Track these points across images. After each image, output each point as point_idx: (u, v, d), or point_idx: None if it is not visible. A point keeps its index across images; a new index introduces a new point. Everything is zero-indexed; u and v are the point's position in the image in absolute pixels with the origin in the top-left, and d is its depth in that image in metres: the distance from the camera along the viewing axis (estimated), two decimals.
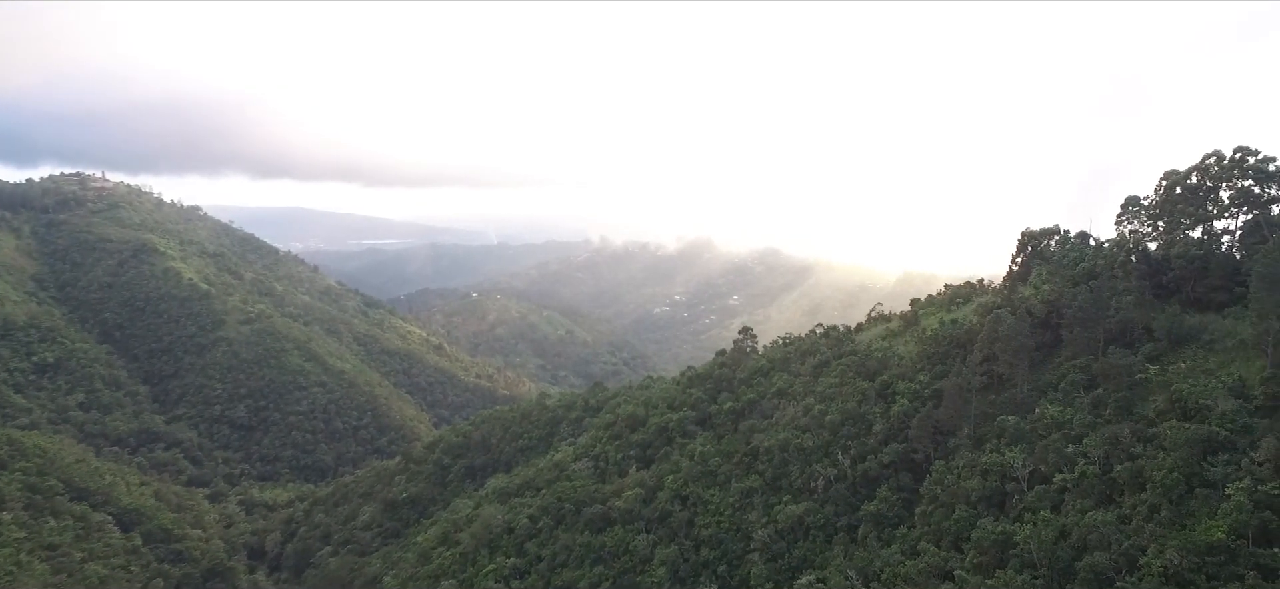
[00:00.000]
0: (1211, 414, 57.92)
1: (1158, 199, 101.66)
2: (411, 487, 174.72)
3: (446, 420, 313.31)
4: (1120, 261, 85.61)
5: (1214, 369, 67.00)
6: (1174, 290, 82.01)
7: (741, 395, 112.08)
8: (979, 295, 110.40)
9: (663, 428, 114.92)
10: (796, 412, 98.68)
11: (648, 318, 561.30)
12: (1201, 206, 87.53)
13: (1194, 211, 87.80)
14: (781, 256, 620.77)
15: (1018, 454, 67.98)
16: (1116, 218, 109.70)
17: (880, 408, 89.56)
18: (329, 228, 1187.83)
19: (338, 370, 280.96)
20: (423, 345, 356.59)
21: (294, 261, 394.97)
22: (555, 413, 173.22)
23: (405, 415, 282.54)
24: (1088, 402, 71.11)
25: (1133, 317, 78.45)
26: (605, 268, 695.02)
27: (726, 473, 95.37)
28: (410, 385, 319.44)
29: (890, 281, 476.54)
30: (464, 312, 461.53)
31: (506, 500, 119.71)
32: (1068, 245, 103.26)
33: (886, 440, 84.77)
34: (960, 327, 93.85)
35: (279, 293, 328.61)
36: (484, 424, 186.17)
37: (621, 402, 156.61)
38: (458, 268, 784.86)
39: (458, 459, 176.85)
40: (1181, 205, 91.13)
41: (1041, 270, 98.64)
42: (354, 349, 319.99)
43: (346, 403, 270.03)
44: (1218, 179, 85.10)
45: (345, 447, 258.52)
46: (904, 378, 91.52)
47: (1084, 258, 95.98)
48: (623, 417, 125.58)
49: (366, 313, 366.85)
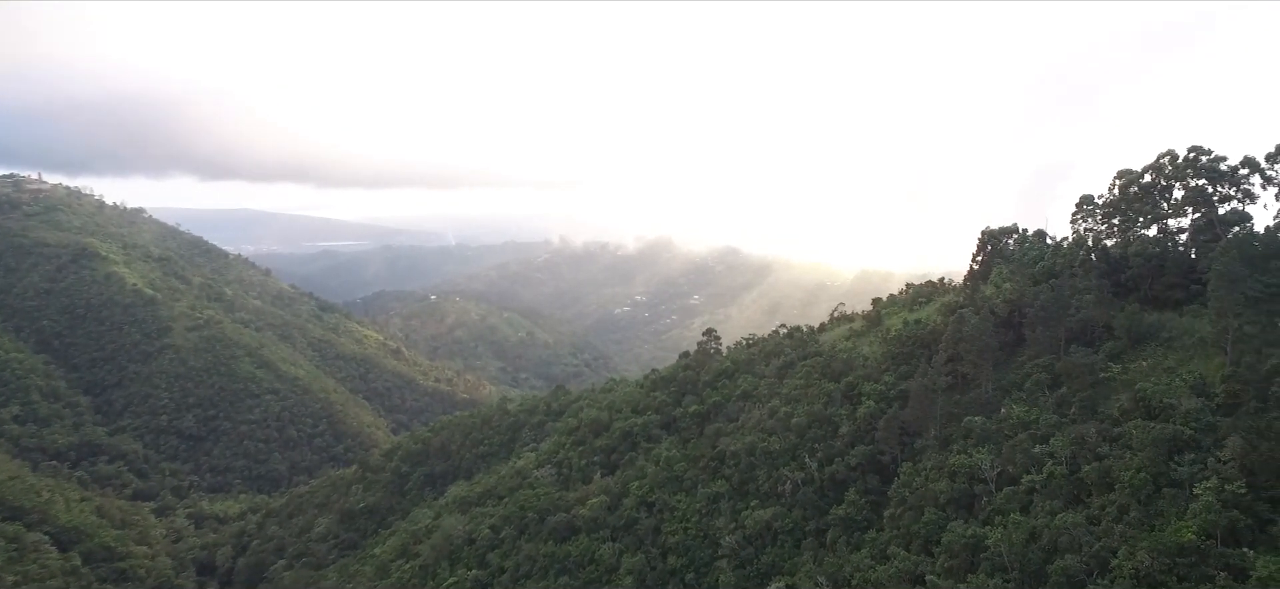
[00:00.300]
0: (1176, 413, 58.05)
1: (1111, 198, 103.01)
2: (369, 496, 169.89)
3: (405, 426, 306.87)
4: (1080, 261, 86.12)
5: (1174, 367, 67.47)
6: (1132, 288, 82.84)
7: (706, 398, 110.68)
8: (941, 295, 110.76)
9: (627, 432, 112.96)
10: (762, 414, 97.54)
11: (609, 318, 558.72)
12: (1156, 205, 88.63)
13: (1149, 210, 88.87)
14: (741, 256, 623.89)
15: (985, 455, 67.60)
16: (1072, 216, 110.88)
17: (846, 409, 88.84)
18: (282, 230, 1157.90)
19: (291, 377, 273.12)
20: (380, 349, 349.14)
21: (245, 265, 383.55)
22: (517, 417, 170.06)
23: (362, 422, 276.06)
24: (1052, 401, 71.14)
25: (1093, 315, 78.93)
26: (565, 269, 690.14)
27: (692, 478, 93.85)
28: (367, 391, 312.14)
29: (848, 279, 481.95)
30: (422, 314, 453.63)
31: (467, 510, 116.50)
32: (1026, 244, 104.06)
33: (853, 442, 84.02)
34: (924, 326, 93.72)
35: (229, 298, 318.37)
36: (443, 430, 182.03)
37: (584, 405, 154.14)
38: (415, 270, 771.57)
39: (417, 467, 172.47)
40: (1136, 204, 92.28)
41: (1001, 269, 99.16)
42: (308, 354, 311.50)
43: (301, 410, 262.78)
44: (1172, 178, 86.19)
45: (300, 455, 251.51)
46: (869, 379, 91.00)
47: (1043, 256, 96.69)
48: (586, 421, 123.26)
49: (321, 317, 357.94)
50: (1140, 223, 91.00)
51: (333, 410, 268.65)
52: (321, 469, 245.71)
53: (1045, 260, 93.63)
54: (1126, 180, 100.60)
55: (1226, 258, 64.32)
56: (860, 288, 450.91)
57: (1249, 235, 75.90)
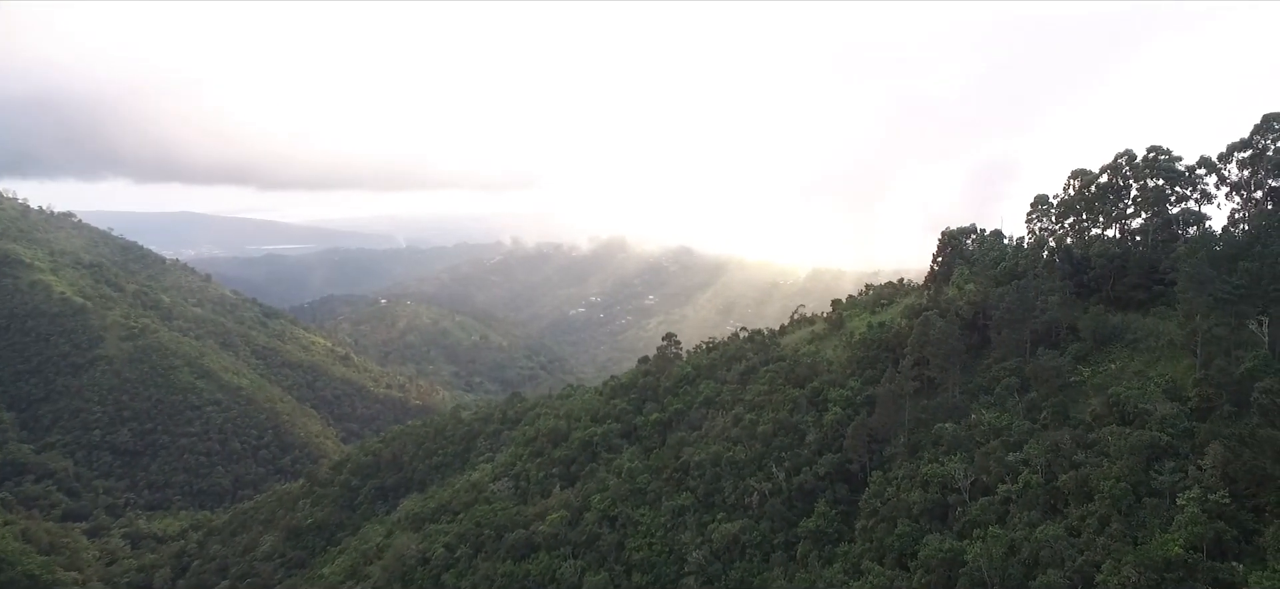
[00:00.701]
0: (1151, 419, 56.74)
1: (1067, 197, 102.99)
2: (317, 511, 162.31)
3: (355, 435, 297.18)
4: (1045, 262, 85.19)
5: (1143, 369, 66.53)
6: (1094, 289, 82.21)
7: (668, 406, 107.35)
8: (902, 296, 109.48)
9: (587, 442, 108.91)
10: (726, 422, 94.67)
11: (564, 320, 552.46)
12: (1115, 206, 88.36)
13: (1107, 210, 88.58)
14: (695, 255, 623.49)
15: (958, 464, 65.62)
16: (1027, 216, 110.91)
17: (812, 416, 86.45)
18: (223, 234, 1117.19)
19: (234, 386, 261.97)
20: (328, 356, 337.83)
21: (183, 271, 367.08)
22: (471, 426, 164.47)
23: (310, 431, 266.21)
24: (1022, 405, 69.67)
25: (1058, 316, 77.99)
26: (519, 270, 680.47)
27: (656, 490, 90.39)
28: (315, 399, 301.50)
29: (800, 278, 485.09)
30: (372, 319, 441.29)
31: (420, 527, 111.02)
32: (986, 244, 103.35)
33: (821, 451, 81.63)
34: (888, 330, 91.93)
35: (166, 305, 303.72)
36: (395, 440, 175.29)
37: (541, 413, 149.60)
38: (364, 273, 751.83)
39: (367, 480, 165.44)
40: (1095, 204, 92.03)
41: (963, 270, 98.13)
42: (252, 363, 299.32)
43: (245, 421, 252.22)
44: (1130, 178, 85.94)
45: (244, 468, 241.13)
46: (835, 384, 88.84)
47: (1003, 257, 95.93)
48: (544, 431, 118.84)
49: (266, 323, 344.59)
50: (1101, 222, 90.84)
51: (278, 421, 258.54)
52: (267, 482, 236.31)
53: (1006, 261, 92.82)
54: (1083, 180, 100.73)
55: (1195, 260, 63.50)
56: (813, 286, 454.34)
57: (1213, 236, 75.78)
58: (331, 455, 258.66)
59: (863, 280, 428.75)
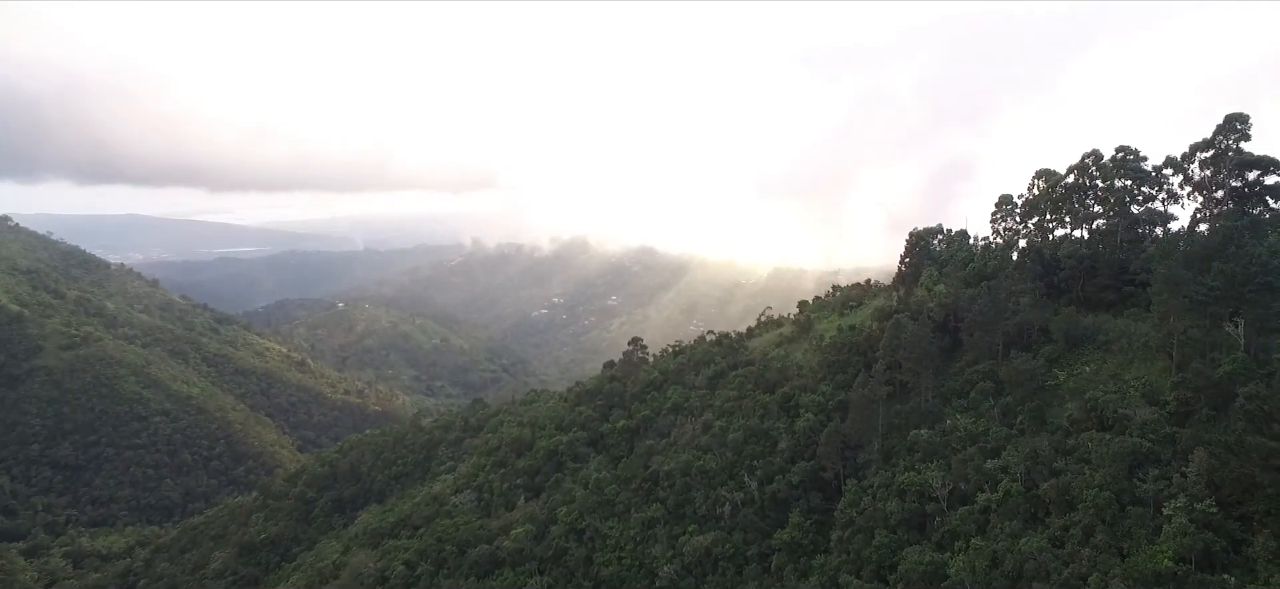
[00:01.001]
0: (1131, 424, 55.47)
1: (1031, 197, 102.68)
2: (270, 526, 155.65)
3: (312, 443, 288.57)
4: (1017, 263, 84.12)
5: (1117, 372, 65.55)
6: (1064, 290, 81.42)
7: (635, 412, 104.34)
8: (870, 298, 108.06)
9: (552, 452, 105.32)
10: (695, 429, 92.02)
11: (526, 321, 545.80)
12: (1082, 205, 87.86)
13: (1074, 210, 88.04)
14: (657, 255, 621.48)
15: (935, 472, 63.79)
16: (992, 216, 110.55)
17: (784, 423, 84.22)
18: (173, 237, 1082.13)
19: (184, 395, 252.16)
20: (283, 362, 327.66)
21: (129, 276, 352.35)
22: (432, 435, 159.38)
23: (264, 441, 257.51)
24: (997, 410, 68.25)
25: (1030, 318, 76.92)
26: (480, 272, 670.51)
27: (625, 501, 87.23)
28: (270, 407, 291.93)
29: (762, 277, 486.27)
30: (329, 323, 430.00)
31: (379, 543, 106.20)
32: (953, 245, 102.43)
33: (793, 458, 79.41)
34: (859, 333, 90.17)
35: (111, 312, 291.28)
36: (352, 450, 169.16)
37: (505, 420, 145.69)
38: (321, 276, 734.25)
39: (324, 492, 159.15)
40: (1061, 204, 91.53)
41: (931, 271, 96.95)
42: (203, 371, 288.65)
43: (195, 431, 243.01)
44: (1096, 178, 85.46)
45: (195, 480, 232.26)
46: (806, 389, 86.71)
47: (971, 258, 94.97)
48: (507, 440, 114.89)
49: (217, 329, 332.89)
50: (1067, 223, 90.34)
51: (231, 430, 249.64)
52: (220, 495, 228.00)
53: (974, 262, 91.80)
54: (1048, 180, 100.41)
55: (1170, 261, 62.58)
56: (774, 286, 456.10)
57: (1186, 236, 75.35)
58: (287, 465, 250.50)
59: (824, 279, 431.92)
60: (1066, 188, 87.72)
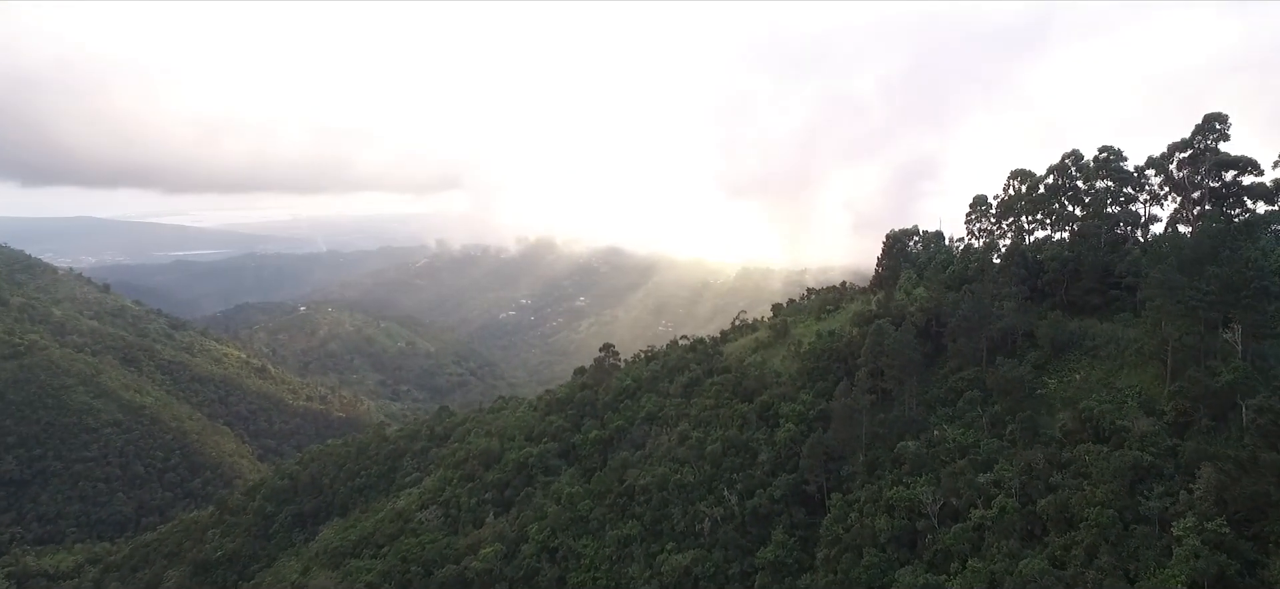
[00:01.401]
0: (1130, 436, 52.98)
1: (1007, 198, 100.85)
2: (227, 542, 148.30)
3: (273, 452, 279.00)
4: (1001, 267, 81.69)
5: (1107, 379, 63.24)
6: (1047, 294, 79.30)
7: (608, 422, 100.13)
8: (847, 301, 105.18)
9: (521, 464, 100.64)
10: (671, 440, 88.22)
11: (494, 323, 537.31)
12: (1061, 206, 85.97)
13: (1055, 211, 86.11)
14: (624, 255, 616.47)
15: (924, 486, 60.78)
16: (966, 216, 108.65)
17: (763, 433, 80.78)
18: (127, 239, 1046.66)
19: (136, 405, 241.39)
20: (242, 368, 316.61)
21: (78, 282, 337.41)
22: (396, 445, 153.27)
23: (223, 451, 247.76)
24: (986, 419, 65.53)
25: (1014, 323, 74.54)
26: (446, 273, 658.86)
27: (599, 517, 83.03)
28: (229, 415, 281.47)
29: (731, 277, 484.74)
30: (291, 327, 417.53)
31: (340, 564, 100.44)
32: (930, 247, 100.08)
33: (774, 471, 75.99)
34: (838, 338, 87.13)
35: (58, 319, 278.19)
36: (314, 462, 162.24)
37: (472, 429, 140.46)
38: (283, 279, 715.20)
39: (283, 505, 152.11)
40: (1040, 205, 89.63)
41: (909, 274, 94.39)
42: (158, 379, 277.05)
43: (149, 442, 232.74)
44: (1077, 179, 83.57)
45: (149, 493, 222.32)
46: (785, 398, 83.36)
47: (951, 261, 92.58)
48: (475, 451, 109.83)
49: (173, 335, 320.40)
50: (1047, 224, 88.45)
51: (187, 440, 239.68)
52: (175, 508, 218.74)
53: (954, 265, 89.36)
54: (1023, 180, 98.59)
55: (1163, 265, 60.31)
56: (742, 285, 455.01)
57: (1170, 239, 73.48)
58: (246, 475, 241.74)
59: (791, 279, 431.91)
60: (1046, 188, 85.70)
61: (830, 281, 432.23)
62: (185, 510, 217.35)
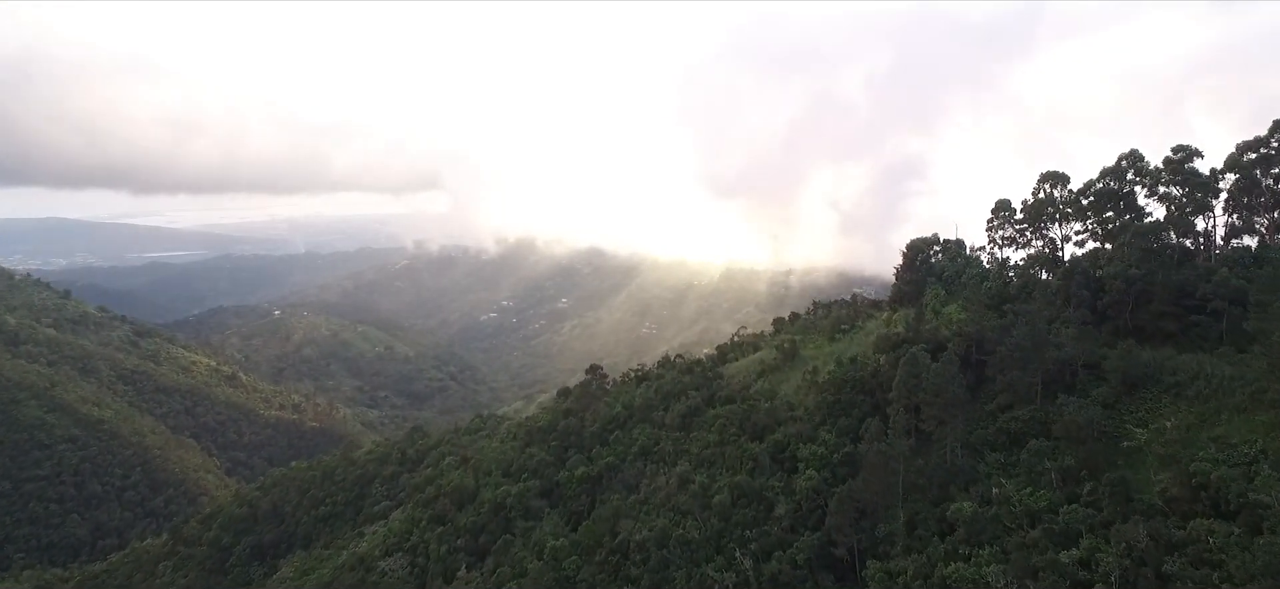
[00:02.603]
0: (1268, 511, 41.13)
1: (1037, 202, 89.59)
2: (180, 577, 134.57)
3: (243, 465, 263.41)
4: (1060, 285, 69.71)
5: (1204, 426, 51.55)
6: (1106, 317, 67.56)
7: (596, 458, 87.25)
8: (864, 319, 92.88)
9: (499, 506, 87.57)
10: (670, 483, 75.61)
11: (474, 326, 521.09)
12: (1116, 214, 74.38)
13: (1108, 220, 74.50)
14: (606, 256, 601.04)
15: (990, 562, 48.64)
16: (988, 224, 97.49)
17: (779, 480, 68.32)
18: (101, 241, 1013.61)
19: (94, 419, 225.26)
20: (212, 376, 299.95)
21: (36, 287, 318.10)
22: (365, 469, 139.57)
23: (187, 466, 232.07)
24: (1055, 474, 53.52)
25: (1074, 353, 62.71)
26: (426, 275, 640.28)
27: (588, 579, 70.05)
28: (195, 427, 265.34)
29: (714, 277, 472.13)
30: (264, 332, 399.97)
31: None
32: (959, 259, 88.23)
33: (794, 527, 63.58)
34: (862, 366, 74.82)
35: (11, 327, 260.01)
36: (275, 487, 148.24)
37: (446, 452, 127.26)
38: (259, 281, 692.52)
39: (242, 536, 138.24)
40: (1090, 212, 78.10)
41: (937, 289, 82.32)
42: (119, 390, 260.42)
43: (107, 459, 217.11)
44: (1136, 183, 72.01)
45: (106, 514, 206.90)
46: (804, 437, 70.91)
47: (984, 275, 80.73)
48: (447, 489, 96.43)
49: (137, 343, 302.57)
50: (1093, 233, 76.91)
51: (148, 456, 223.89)
52: (135, 529, 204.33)
53: (991, 281, 77.45)
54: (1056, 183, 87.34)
55: None
56: (727, 286, 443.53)
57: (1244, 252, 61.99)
58: (212, 492, 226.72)
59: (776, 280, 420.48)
60: (1097, 193, 74.01)
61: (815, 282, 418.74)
62: (147, 529, 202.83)
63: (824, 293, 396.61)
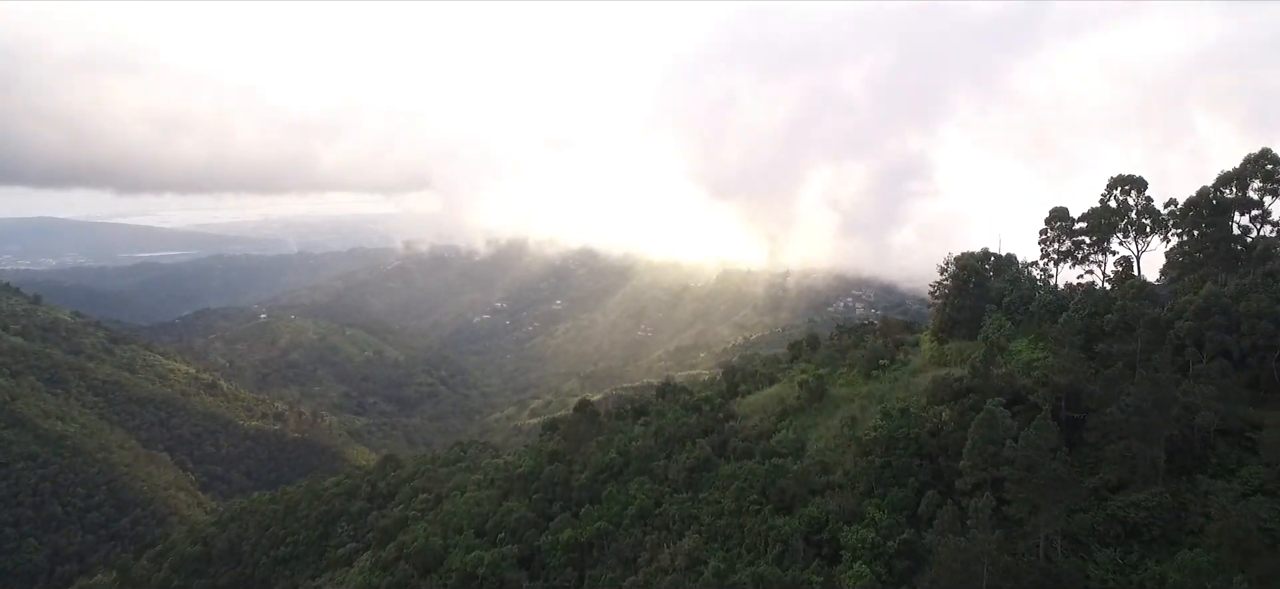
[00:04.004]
0: None
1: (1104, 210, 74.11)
2: None
3: (220, 479, 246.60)
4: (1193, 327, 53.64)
5: None
6: (1244, 366, 51.77)
7: (586, 521, 71.01)
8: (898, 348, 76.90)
9: (469, 576, 71.40)
10: (676, 561, 59.58)
11: (468, 327, 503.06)
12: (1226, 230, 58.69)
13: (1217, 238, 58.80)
14: (600, 257, 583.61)
15: None
16: (1041, 235, 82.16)
17: (818, 571, 52.42)
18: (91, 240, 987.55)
19: (56, 435, 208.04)
20: (190, 384, 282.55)
21: (5, 292, 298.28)
22: (331, 504, 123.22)
23: (157, 484, 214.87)
24: None
25: (1207, 419, 46.96)
26: (419, 275, 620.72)
27: None
28: (170, 440, 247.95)
29: (710, 278, 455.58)
30: (249, 336, 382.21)
31: None
32: (1023, 282, 72.26)
33: None
34: (917, 422, 58.77)
35: None
36: (235, 522, 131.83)
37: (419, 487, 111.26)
38: (251, 281, 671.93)
39: (194, 577, 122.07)
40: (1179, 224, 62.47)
41: (999, 319, 66.30)
42: (88, 401, 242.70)
43: (69, 478, 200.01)
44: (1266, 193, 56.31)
45: (67, 538, 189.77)
46: (847, 514, 54.89)
47: (1063, 304, 64.83)
48: (411, 550, 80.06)
49: (112, 351, 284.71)
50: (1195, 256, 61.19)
51: (115, 474, 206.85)
52: (98, 553, 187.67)
53: (1070, 311, 61.42)
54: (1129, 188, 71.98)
55: None
56: (724, 288, 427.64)
57: None
58: (183, 512, 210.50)
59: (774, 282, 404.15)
60: (1215, 204, 58.27)
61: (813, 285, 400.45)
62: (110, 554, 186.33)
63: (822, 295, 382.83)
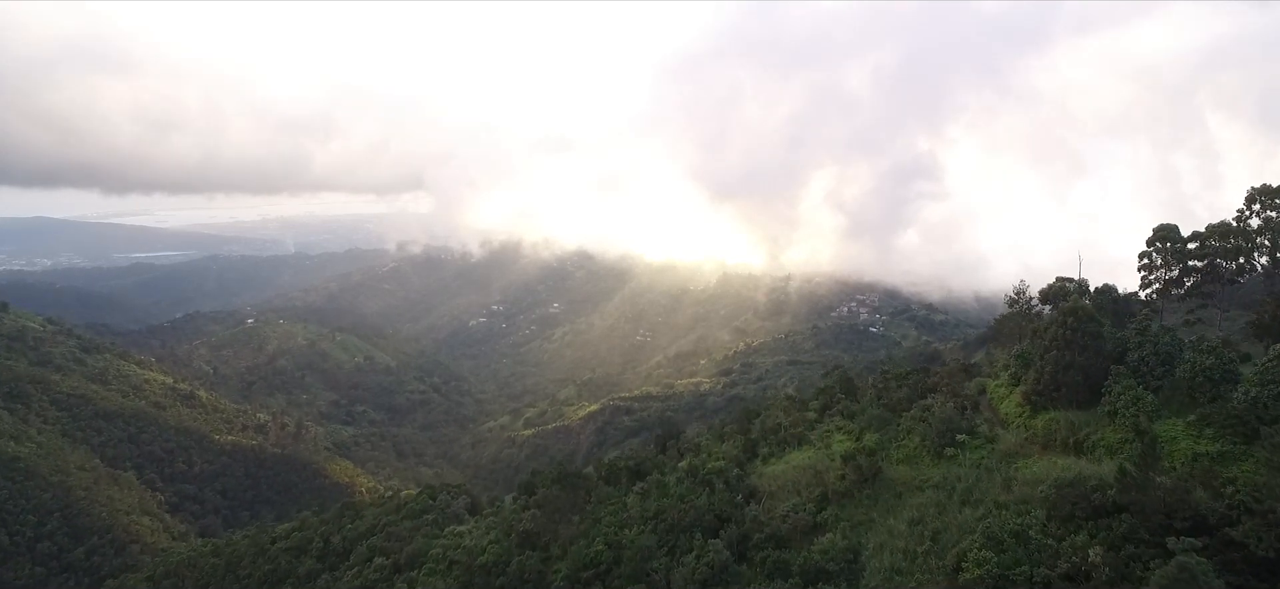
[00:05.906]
0: None
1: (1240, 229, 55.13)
2: None
3: (192, 499, 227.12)
4: None
5: None
6: None
7: None
8: (978, 405, 57.40)
9: None
10: None
11: (463, 330, 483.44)
12: None
13: None
14: (598, 259, 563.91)
15: None
16: (1142, 259, 63.72)
17: None
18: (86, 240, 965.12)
19: (7, 457, 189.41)
20: (166, 395, 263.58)
21: None
22: (278, 563, 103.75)
23: (118, 508, 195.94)
24: None
25: None
26: (415, 277, 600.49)
27: None
28: (139, 457, 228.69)
29: (710, 281, 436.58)
30: (236, 342, 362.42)
31: None
32: (1150, 329, 52.62)
33: None
34: (1044, 555, 38.98)
35: None
36: (169, 579, 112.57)
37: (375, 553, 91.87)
38: (247, 282, 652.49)
39: None
40: None
41: (1134, 389, 46.60)
42: (51, 417, 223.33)
43: (18, 504, 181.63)
44: None
45: (14, 571, 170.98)
46: None
47: (1229, 371, 45.15)
48: None
49: (84, 361, 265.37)
50: None
51: (71, 498, 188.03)
52: (49, 587, 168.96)
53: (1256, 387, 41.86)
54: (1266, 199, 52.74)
55: None
56: (724, 292, 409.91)
57: None
58: (145, 540, 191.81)
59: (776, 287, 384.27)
60: None
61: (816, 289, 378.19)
62: None
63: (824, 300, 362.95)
